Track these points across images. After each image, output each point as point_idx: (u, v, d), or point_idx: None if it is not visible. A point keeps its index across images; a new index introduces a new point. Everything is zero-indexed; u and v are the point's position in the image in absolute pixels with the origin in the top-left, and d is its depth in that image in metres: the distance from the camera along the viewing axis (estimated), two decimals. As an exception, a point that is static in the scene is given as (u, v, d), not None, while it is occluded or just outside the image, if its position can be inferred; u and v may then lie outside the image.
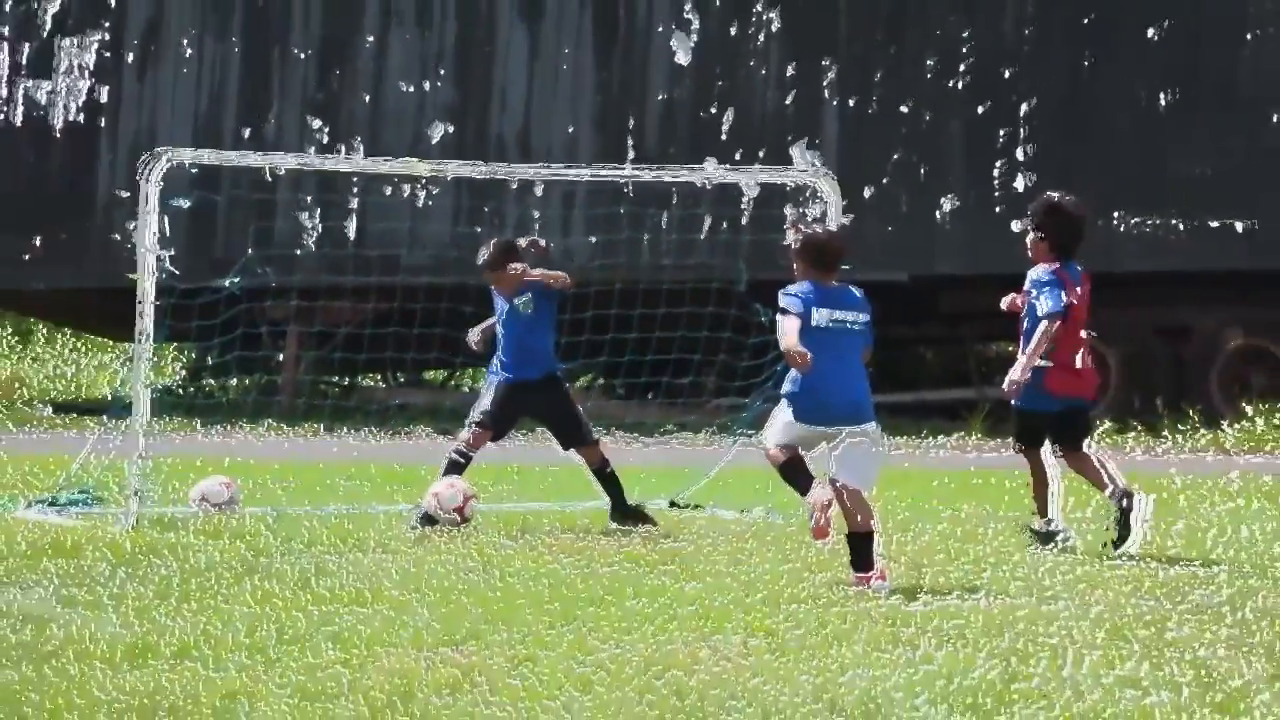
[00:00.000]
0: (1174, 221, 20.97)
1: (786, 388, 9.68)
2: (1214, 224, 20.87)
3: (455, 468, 11.89)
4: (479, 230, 21.60)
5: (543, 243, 12.50)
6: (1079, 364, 10.91)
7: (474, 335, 12.27)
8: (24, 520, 11.94)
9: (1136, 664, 7.54)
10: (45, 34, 24.68)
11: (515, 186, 22.39)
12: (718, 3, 22.51)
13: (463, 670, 7.22)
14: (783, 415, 9.67)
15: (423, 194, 23.06)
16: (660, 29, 22.70)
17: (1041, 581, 9.69)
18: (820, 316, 9.55)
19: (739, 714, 6.60)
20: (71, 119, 24.51)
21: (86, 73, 24.47)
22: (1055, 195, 11.19)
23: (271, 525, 11.55)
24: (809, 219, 10.60)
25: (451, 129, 23.35)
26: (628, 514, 11.94)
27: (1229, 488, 15.03)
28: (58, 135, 24.57)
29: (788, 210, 21.15)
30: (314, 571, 9.69)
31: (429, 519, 11.61)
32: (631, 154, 22.64)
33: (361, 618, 8.29)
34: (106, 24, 24.46)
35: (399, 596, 8.95)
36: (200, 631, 7.88)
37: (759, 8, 22.39)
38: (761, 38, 22.37)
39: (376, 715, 6.52)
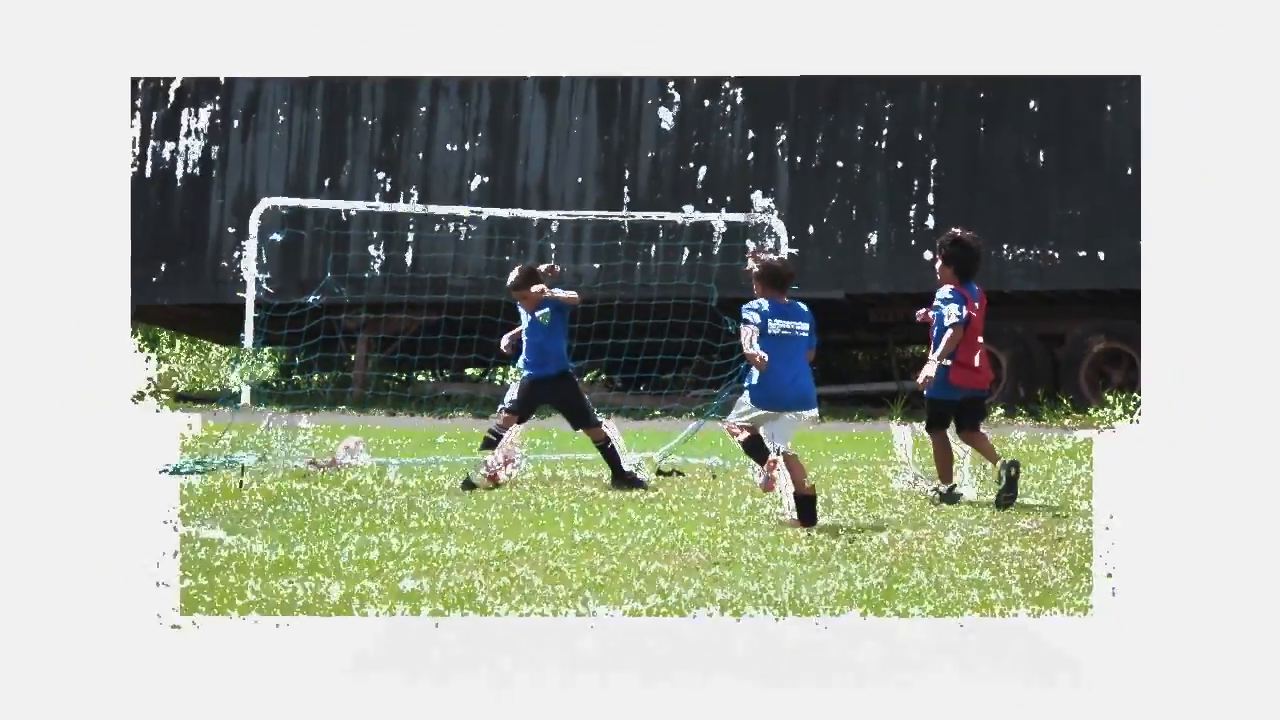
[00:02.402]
0: (1051, 251, 21.03)
1: (748, 381, 9.74)
2: (1082, 253, 20.94)
3: (489, 444, 11.95)
4: (508, 259, 21.65)
5: (558, 268, 12.52)
6: (977, 363, 10.96)
7: (505, 341, 12.32)
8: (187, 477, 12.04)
9: (980, 571, 7.97)
10: (169, 105, 24.69)
11: (536, 224, 22.43)
12: (694, 82, 22.55)
13: (511, 579, 7.65)
14: (744, 403, 9.74)
15: (464, 230, 23.08)
16: (649, 102, 22.75)
17: (919, 516, 9.98)
18: (774, 326, 9.62)
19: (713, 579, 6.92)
20: (189, 171, 24.52)
21: (201, 135, 24.49)
22: (958, 231, 11.22)
23: (376, 476, 11.93)
24: (765, 249, 10.67)
25: (486, 180, 23.38)
26: (625, 481, 11.98)
27: (1064, 450, 15.17)
28: (179, 185, 24.57)
29: (749, 243, 21.16)
30: (406, 508, 10.14)
31: (469, 484, 11.65)
32: (627, 199, 22.68)
33: (439, 542, 8.71)
34: (218, 97, 24.49)
35: (466, 527, 9.32)
36: (324, 552, 8.33)
37: (726, 85, 22.43)
38: (728, 109, 22.41)
39: (449, 608, 7.00)
